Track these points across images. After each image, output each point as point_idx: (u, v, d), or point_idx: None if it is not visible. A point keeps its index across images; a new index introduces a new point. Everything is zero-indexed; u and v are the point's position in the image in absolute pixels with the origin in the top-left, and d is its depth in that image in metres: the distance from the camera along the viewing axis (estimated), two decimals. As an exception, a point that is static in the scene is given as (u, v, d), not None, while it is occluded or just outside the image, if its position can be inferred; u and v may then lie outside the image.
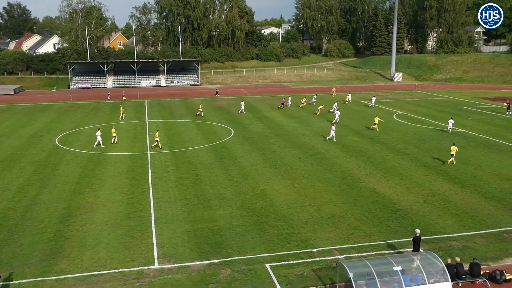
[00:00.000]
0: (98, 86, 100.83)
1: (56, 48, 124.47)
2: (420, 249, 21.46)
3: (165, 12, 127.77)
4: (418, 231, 21.70)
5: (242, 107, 63.84)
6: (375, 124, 51.17)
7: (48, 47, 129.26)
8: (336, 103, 62.73)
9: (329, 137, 46.16)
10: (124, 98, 79.34)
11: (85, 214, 27.33)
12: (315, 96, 72.66)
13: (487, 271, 20.19)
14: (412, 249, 21.63)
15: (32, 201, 29.51)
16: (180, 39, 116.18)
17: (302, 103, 68.45)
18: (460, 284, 19.61)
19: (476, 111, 62.12)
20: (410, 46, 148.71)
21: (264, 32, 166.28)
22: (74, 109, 69.06)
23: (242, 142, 45.47)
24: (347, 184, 32.42)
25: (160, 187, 32.23)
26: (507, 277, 19.73)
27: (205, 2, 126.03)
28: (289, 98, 71.08)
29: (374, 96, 70.32)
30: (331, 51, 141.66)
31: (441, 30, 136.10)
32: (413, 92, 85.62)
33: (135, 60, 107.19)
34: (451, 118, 50.50)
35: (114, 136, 45.29)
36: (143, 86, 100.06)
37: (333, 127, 46.71)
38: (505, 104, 63.28)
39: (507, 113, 60.50)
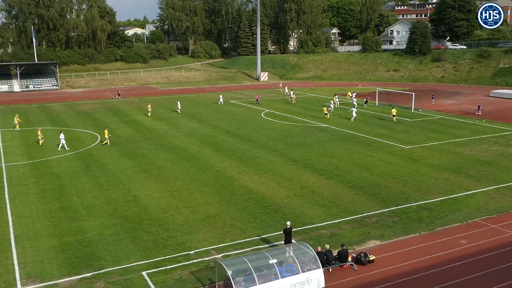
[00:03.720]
0: None
1: None
2: (293, 240, 22.35)
3: (14, 11, 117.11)
4: (288, 223, 22.60)
5: (179, 106, 64.19)
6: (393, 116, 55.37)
7: None
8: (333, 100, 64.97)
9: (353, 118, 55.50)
10: None
11: None
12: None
13: (353, 254, 21.70)
14: (284, 241, 22.44)
15: None
16: (34, 41, 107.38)
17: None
18: (330, 270, 20.80)
19: (335, 107, 66.59)
20: (273, 47, 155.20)
21: (128, 33, 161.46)
22: None
23: (110, 148, 43.47)
24: (221, 184, 32.67)
25: (19, 201, 29.45)
26: (371, 258, 21.42)
27: (61, 1, 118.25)
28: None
29: (335, 94, 70.57)
30: (197, 52, 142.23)
31: (301, 31, 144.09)
32: (278, 91, 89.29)
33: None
34: (335, 95, 68.28)
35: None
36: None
37: (354, 110, 56.51)
38: (365, 100, 69.69)
39: (364, 105, 67.46)
